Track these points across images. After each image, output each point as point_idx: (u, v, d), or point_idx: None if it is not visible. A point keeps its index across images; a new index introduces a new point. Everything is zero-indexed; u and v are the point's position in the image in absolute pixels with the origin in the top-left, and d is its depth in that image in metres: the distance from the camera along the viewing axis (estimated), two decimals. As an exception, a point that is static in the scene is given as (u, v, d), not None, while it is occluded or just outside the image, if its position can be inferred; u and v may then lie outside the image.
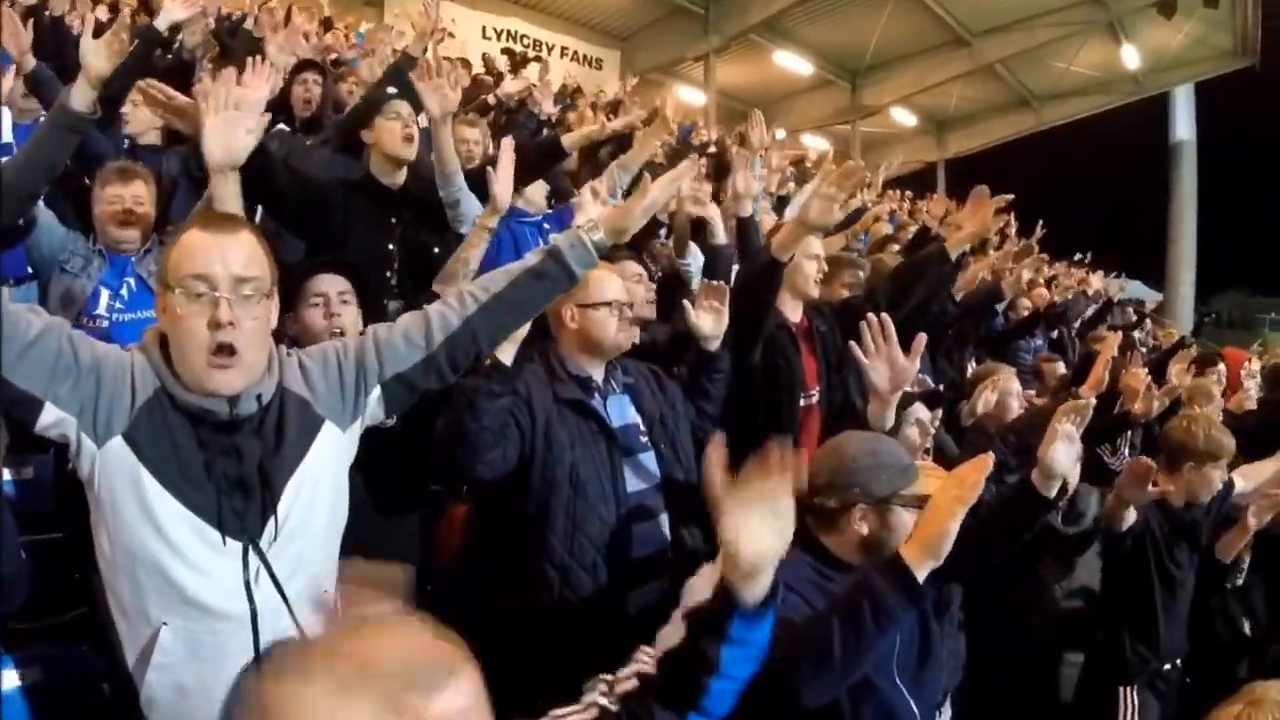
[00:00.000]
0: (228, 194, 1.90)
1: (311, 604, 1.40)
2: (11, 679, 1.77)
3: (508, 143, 2.32)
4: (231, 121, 1.85)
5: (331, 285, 2.06)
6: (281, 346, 1.45)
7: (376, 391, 1.47)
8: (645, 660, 1.12)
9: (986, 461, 1.40)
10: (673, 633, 1.12)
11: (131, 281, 2.63)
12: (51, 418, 1.26)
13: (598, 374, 2.12)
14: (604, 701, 1.08)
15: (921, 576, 1.38)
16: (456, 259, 2.25)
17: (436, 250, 2.81)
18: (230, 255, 1.30)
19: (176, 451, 1.30)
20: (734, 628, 1.07)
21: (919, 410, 2.48)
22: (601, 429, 2.04)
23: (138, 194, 2.68)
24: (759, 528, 1.06)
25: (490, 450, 1.85)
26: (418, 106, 2.84)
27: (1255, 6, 16.47)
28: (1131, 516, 2.60)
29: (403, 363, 1.47)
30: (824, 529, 1.71)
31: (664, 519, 2.08)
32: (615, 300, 2.08)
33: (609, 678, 1.12)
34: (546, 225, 3.30)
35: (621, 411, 2.11)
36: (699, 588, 1.14)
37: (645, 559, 2.00)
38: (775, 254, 2.46)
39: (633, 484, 2.04)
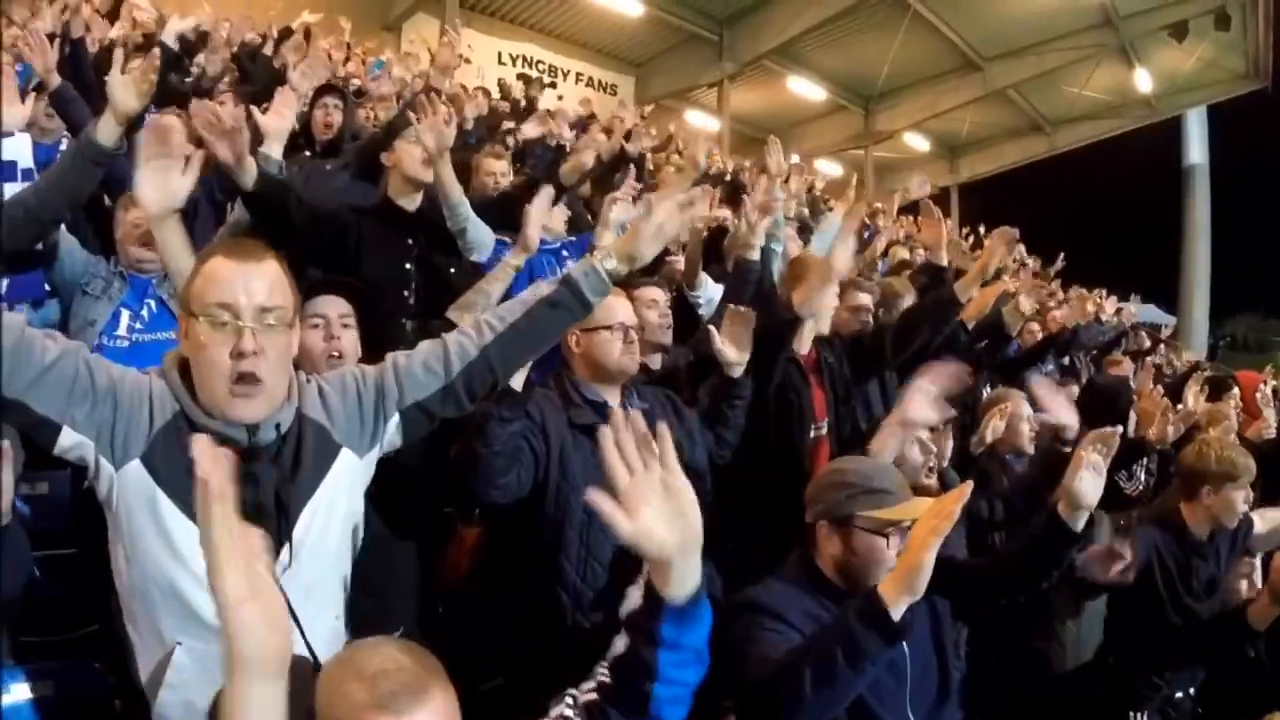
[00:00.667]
0: (174, 241, 1.84)
1: (324, 627, 1.42)
2: (23, 692, 1.77)
3: (547, 190, 2.35)
4: (163, 169, 1.77)
5: (333, 307, 1.97)
6: (300, 372, 1.46)
7: (395, 419, 1.48)
8: (603, 672, 1.12)
9: (964, 490, 1.40)
10: (620, 640, 1.13)
11: (152, 303, 2.64)
12: (70, 440, 1.28)
13: (613, 399, 2.12)
14: (569, 714, 1.10)
15: (898, 613, 1.38)
16: (478, 290, 2.25)
17: (453, 271, 2.84)
18: (254, 284, 1.31)
19: (193, 476, 1.31)
20: (663, 630, 1.06)
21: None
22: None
23: (160, 218, 2.70)
24: (658, 517, 1.02)
25: (503, 475, 1.86)
26: None
27: (1268, 29, 16.40)
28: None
29: (422, 390, 1.48)
30: (810, 546, 1.76)
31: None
32: (619, 324, 2.08)
33: (574, 691, 1.13)
34: (565, 253, 3.31)
35: (637, 437, 2.11)
36: (635, 595, 1.12)
37: (657, 586, 1.99)
38: (799, 311, 2.49)
39: (648, 511, 2.03)
